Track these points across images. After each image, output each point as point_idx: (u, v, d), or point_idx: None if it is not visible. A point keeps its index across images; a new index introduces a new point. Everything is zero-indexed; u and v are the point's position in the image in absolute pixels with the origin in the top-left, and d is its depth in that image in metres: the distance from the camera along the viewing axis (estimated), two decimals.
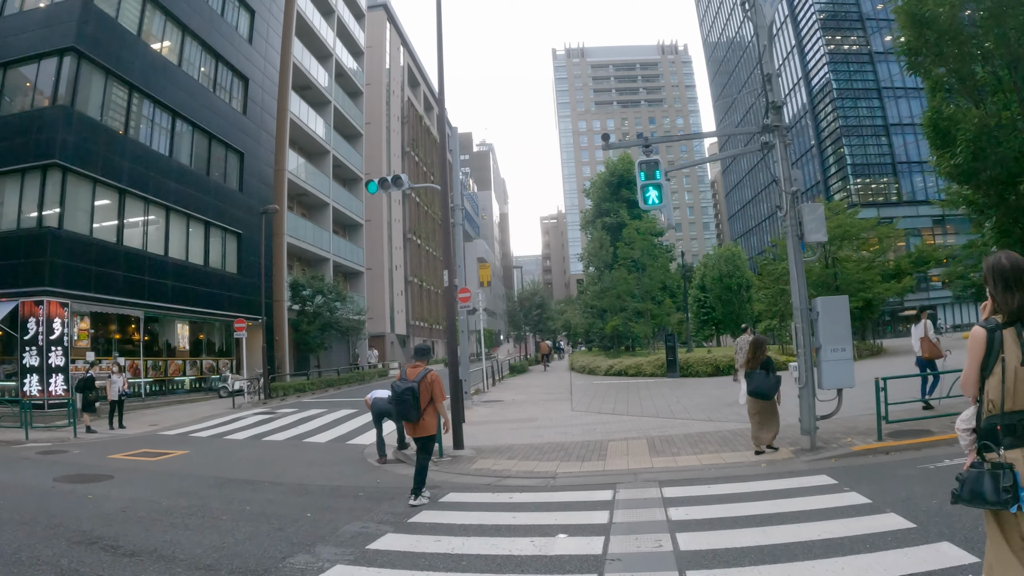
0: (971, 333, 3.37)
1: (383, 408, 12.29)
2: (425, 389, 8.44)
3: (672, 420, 15.03)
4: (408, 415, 8.50)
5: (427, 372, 8.54)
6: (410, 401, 8.37)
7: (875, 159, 69.66)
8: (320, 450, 14.28)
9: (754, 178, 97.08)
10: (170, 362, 28.69)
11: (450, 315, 12.86)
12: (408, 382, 8.47)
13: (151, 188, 27.18)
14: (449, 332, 12.91)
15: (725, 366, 26.40)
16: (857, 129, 70.05)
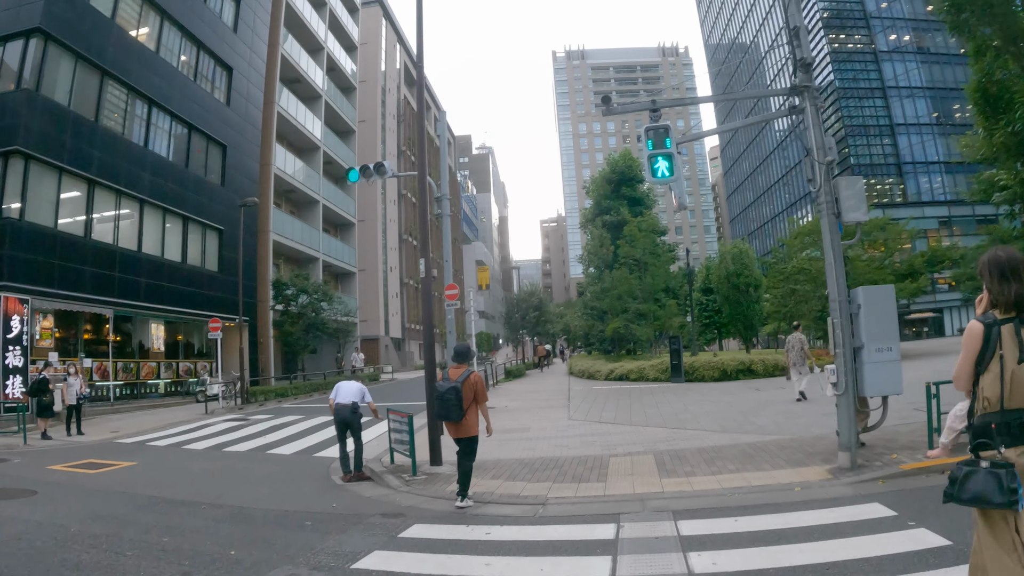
0: (968, 327, 3.35)
1: (345, 417, 10.69)
2: (468, 389, 8.37)
3: (681, 431, 13.35)
4: (450, 415, 8.36)
5: (470, 372, 8.51)
6: (453, 401, 8.25)
7: (880, 159, 68.34)
8: (282, 463, 12.61)
9: (755, 181, 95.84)
10: (143, 364, 26.95)
11: (426, 310, 11.21)
12: (451, 382, 8.36)
13: (123, 179, 25.54)
14: (425, 329, 11.24)
15: (733, 371, 24.90)
16: (862, 129, 68.64)
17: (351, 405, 10.76)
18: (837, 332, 9.29)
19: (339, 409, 10.87)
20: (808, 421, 13.49)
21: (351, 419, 10.74)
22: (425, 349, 11.21)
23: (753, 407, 16.30)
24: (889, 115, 68.50)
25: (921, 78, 68.92)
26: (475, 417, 8.55)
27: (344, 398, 10.91)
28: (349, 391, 11.04)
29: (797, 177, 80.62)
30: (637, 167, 46.07)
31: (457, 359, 8.94)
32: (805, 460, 9.77)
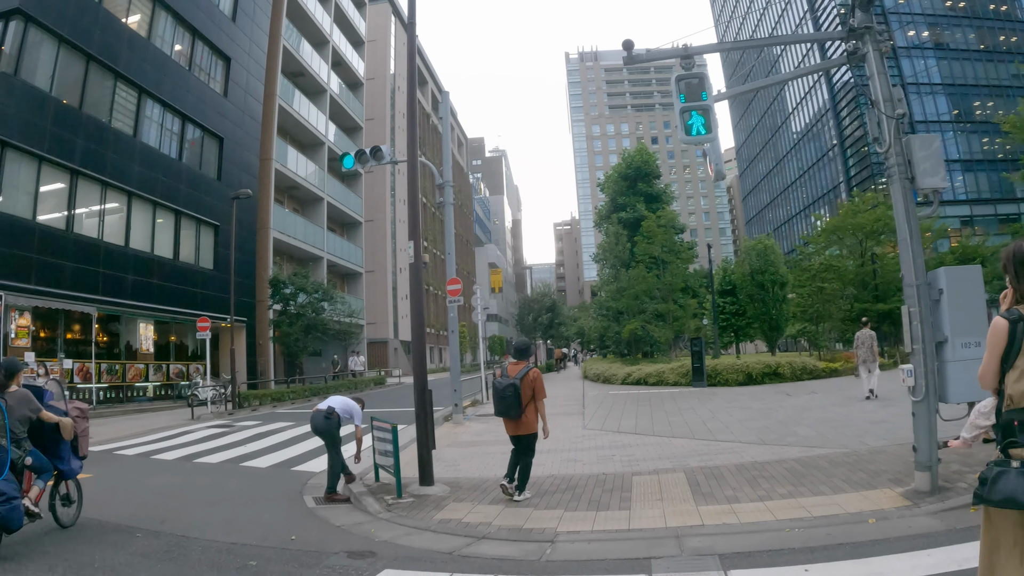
0: (992, 324, 3.23)
1: (316, 425, 9.12)
2: (527, 386, 8.18)
3: (713, 443, 11.64)
4: (509, 412, 8.20)
5: (529, 369, 8.32)
6: (511, 398, 8.11)
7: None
8: (253, 478, 10.97)
9: (771, 182, 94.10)
10: (130, 366, 25.38)
11: (415, 302, 9.55)
12: (510, 379, 8.19)
13: (109, 170, 24.07)
14: (414, 325, 9.57)
15: (758, 374, 23.24)
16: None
17: (325, 411, 9.17)
18: (914, 324, 7.58)
19: (313, 416, 9.31)
20: (857, 430, 11.81)
21: (323, 427, 9.15)
22: (414, 347, 9.53)
23: (789, 414, 14.59)
24: (909, 112, 66.51)
25: (940, 74, 67.09)
26: (534, 414, 8.28)
27: (323, 404, 9.33)
28: (337, 400, 9.49)
29: (813, 178, 78.86)
30: (654, 162, 44.42)
31: (517, 355, 8.72)
32: (870, 481, 8.08)
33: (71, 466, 7.43)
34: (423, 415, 9.19)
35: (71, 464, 7.43)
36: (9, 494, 6.05)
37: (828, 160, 74.68)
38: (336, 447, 9.14)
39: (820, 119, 75.96)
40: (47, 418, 6.96)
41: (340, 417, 9.24)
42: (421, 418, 9.20)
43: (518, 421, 8.25)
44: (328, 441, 9.13)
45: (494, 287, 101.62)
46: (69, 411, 7.46)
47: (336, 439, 9.18)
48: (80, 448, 7.65)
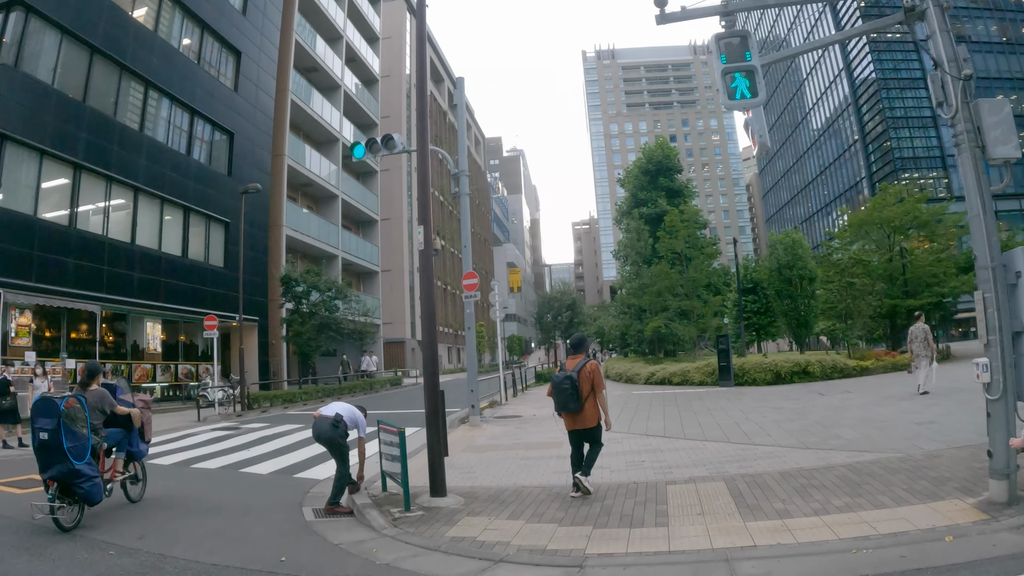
0: None
1: (322, 433, 8.31)
2: (585, 378, 8.07)
3: (750, 447, 10.69)
4: (567, 405, 8.07)
5: (586, 361, 8.21)
6: (569, 390, 8.01)
7: (923, 152, 65.24)
8: (251, 487, 10.13)
9: (790, 179, 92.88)
10: (136, 366, 24.61)
11: (426, 294, 8.64)
12: (567, 372, 8.13)
13: (115, 165, 23.35)
14: (425, 317, 8.67)
15: (787, 373, 22.25)
16: (904, 121, 65.59)
17: (332, 418, 8.32)
18: (989, 312, 6.63)
19: (317, 423, 8.43)
20: (905, 432, 10.85)
21: (329, 436, 8.28)
22: (425, 343, 8.62)
23: (827, 415, 13.59)
24: (932, 105, 64.96)
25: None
26: (594, 408, 8.14)
27: (328, 410, 8.49)
28: (342, 405, 8.65)
29: (834, 174, 77.65)
30: (675, 156, 43.41)
31: (573, 349, 8.64)
32: (935, 490, 7.16)
33: (139, 448, 8.99)
34: (434, 418, 8.30)
35: (139, 447, 8.98)
36: (91, 474, 7.47)
37: (849, 156, 73.63)
38: (344, 458, 8.29)
39: (841, 114, 74.83)
40: (120, 411, 8.51)
41: (347, 425, 8.41)
42: (432, 422, 8.30)
43: (578, 415, 8.08)
44: (335, 452, 8.30)
45: (513, 286, 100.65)
46: (135, 403, 9.02)
47: (344, 450, 8.33)
48: (145, 434, 9.08)
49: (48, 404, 7.44)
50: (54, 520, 7.24)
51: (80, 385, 8.33)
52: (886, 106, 66.30)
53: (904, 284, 32.01)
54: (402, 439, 7.75)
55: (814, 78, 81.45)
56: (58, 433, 7.27)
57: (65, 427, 7.32)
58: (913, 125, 66.18)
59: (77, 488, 7.32)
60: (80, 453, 7.40)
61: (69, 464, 7.26)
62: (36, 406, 7.57)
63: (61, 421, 7.32)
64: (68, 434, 7.33)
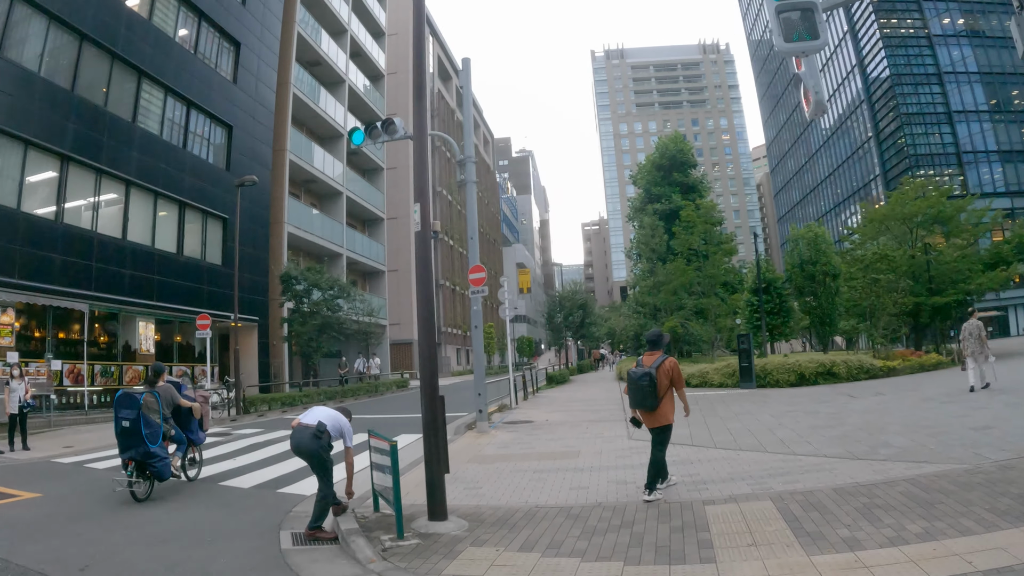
0: None
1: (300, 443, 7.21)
2: (663, 374, 7.80)
3: (791, 457, 9.46)
4: (645, 402, 7.80)
5: (665, 358, 7.92)
6: (647, 387, 7.72)
7: (938, 149, 64.04)
8: (228, 502, 8.96)
9: (802, 179, 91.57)
10: (127, 368, 23.36)
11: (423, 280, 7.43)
12: (645, 368, 7.82)
13: (105, 157, 22.25)
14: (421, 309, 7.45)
15: (811, 374, 21.06)
16: (918, 117, 64.40)
17: (315, 428, 7.17)
18: None
19: (296, 434, 7.31)
20: (962, 439, 9.70)
21: (311, 449, 7.16)
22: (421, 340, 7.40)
23: (867, 419, 12.37)
24: (946, 102, 64.28)
25: (976, 63, 64.59)
26: (670, 405, 7.96)
27: (309, 418, 7.36)
28: (324, 412, 7.51)
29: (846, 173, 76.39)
30: (689, 151, 42.12)
31: (651, 346, 8.22)
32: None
33: (198, 436, 10.68)
34: (433, 428, 7.09)
35: (198, 435, 10.68)
36: (163, 456, 9.04)
37: (862, 154, 72.51)
38: (327, 475, 7.15)
39: (853, 112, 73.62)
40: (183, 404, 10.20)
41: (331, 436, 7.25)
42: (431, 431, 7.09)
43: (653, 413, 7.85)
44: (317, 466, 7.18)
45: (522, 287, 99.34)
46: (196, 398, 10.81)
47: (328, 466, 7.19)
48: (203, 423, 10.91)
49: (129, 397, 9.08)
50: (131, 492, 8.89)
51: (148, 383, 9.77)
52: (900, 102, 65.13)
53: (929, 281, 30.74)
54: (394, 454, 6.52)
55: (825, 75, 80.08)
56: (137, 421, 8.83)
57: (143, 416, 8.90)
58: (928, 122, 65.09)
59: (151, 467, 8.89)
60: (154, 438, 8.96)
61: (145, 447, 8.80)
62: (118, 399, 9.16)
63: (140, 411, 8.88)
64: (145, 422, 8.90)
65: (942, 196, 33.56)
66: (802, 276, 26.96)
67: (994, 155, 63.22)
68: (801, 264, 26.98)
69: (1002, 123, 63.51)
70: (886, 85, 66.48)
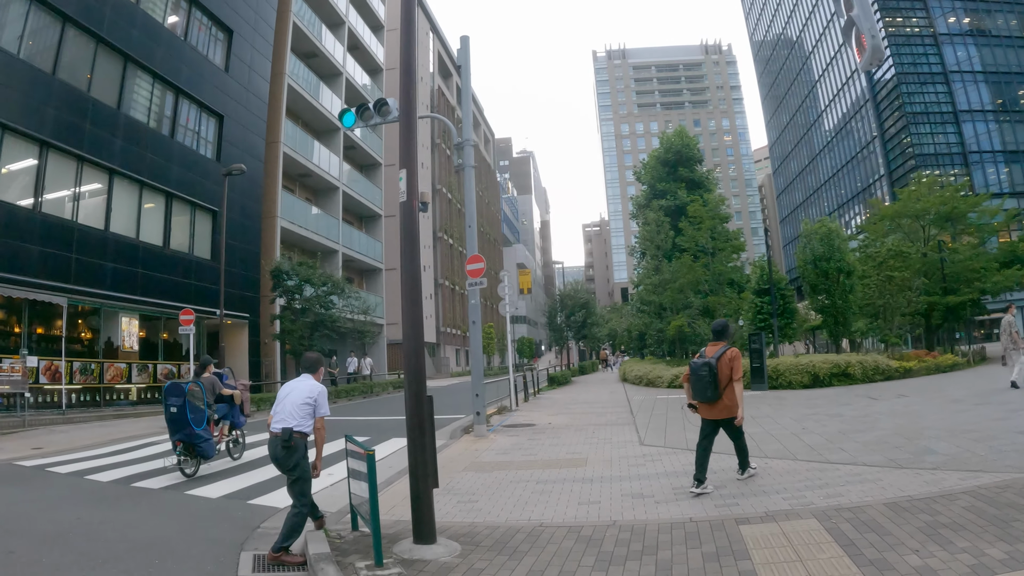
0: None
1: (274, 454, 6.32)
2: (724, 365, 7.56)
3: (828, 466, 8.43)
4: (705, 393, 7.60)
5: (727, 349, 7.69)
6: (707, 378, 7.55)
7: (944, 149, 62.96)
8: (190, 514, 7.87)
9: (804, 180, 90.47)
10: (108, 365, 22.28)
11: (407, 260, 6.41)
12: (706, 359, 7.65)
13: (87, 144, 21.23)
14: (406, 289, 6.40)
15: (826, 375, 20.14)
16: (924, 117, 63.43)
17: (282, 437, 6.16)
18: None
19: (270, 443, 6.36)
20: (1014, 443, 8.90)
21: (281, 460, 6.22)
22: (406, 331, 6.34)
23: (900, 423, 11.38)
24: (952, 101, 63.40)
25: (982, 62, 63.67)
26: (733, 396, 7.63)
27: (278, 421, 6.30)
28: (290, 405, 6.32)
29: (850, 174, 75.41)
30: (695, 146, 41.09)
31: (715, 336, 8.05)
32: None
33: (239, 420, 11.93)
34: (419, 434, 6.00)
35: (239, 419, 11.92)
36: (207, 437, 10.33)
37: (866, 155, 71.55)
38: (302, 488, 6.20)
39: (857, 112, 72.63)
40: (225, 392, 11.35)
41: (305, 435, 6.25)
42: (416, 437, 6.01)
43: (715, 404, 7.67)
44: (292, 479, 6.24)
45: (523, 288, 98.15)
46: (237, 387, 11.93)
47: (305, 472, 6.23)
48: (244, 408, 12.02)
49: (177, 387, 10.41)
50: (180, 470, 10.17)
51: (195, 374, 11.32)
52: (906, 102, 64.14)
53: (942, 279, 29.72)
54: (371, 467, 5.44)
55: (829, 76, 79.23)
56: (184, 408, 10.12)
57: (189, 403, 10.15)
58: (933, 121, 64.02)
59: (196, 447, 10.13)
60: (199, 422, 10.17)
61: (191, 429, 10.04)
62: (167, 389, 10.49)
63: (186, 399, 10.15)
64: (191, 408, 10.14)
65: (957, 191, 32.60)
66: (815, 273, 25.85)
67: (1000, 155, 62.29)
68: (814, 261, 25.87)
69: (1008, 123, 62.58)
70: (891, 84, 65.54)
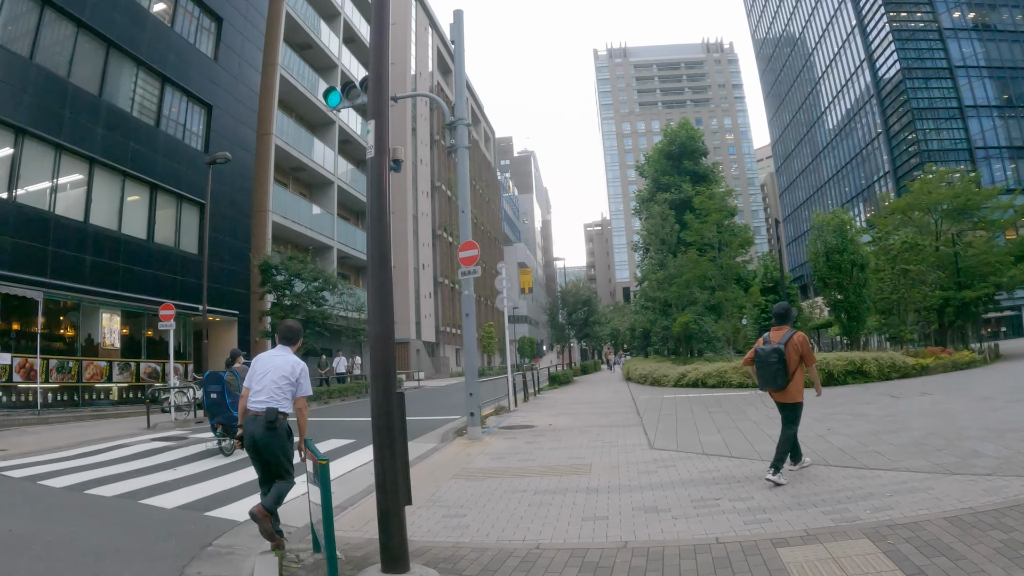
0: None
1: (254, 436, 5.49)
2: (793, 350, 7.28)
3: (867, 473, 7.40)
4: (775, 380, 7.29)
5: (794, 333, 7.41)
6: (776, 364, 7.23)
7: (949, 145, 62.04)
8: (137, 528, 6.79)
9: (807, 178, 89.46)
10: (87, 363, 21.24)
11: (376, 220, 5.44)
12: (773, 344, 7.34)
13: (67, 132, 20.31)
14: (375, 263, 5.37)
15: (840, 373, 19.10)
16: (930, 112, 62.52)
17: (266, 415, 5.38)
18: None
19: (247, 424, 5.57)
20: None
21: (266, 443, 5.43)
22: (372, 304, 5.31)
23: (934, 423, 10.37)
24: (958, 97, 62.70)
25: (987, 57, 62.82)
26: (800, 382, 7.35)
27: (259, 398, 5.50)
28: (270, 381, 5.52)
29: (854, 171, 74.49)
30: (700, 138, 40.00)
31: (778, 320, 7.66)
32: None
33: None
34: (387, 438, 4.95)
35: None
36: None
37: (870, 151, 70.69)
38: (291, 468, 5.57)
39: (862, 108, 71.70)
40: None
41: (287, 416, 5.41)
42: (384, 444, 4.95)
43: (784, 391, 7.39)
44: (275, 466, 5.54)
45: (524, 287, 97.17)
46: None
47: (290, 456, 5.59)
48: None
49: (215, 376, 11.84)
50: (220, 449, 11.60)
51: (227, 364, 12.18)
52: (911, 97, 63.30)
53: (956, 274, 28.69)
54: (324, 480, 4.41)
55: (832, 73, 78.32)
56: (223, 394, 11.49)
57: (227, 390, 11.43)
58: (940, 117, 63.23)
59: (234, 427, 10.65)
60: (236, 407, 10.19)
61: (229, 413, 11.13)
62: (207, 377, 11.99)
63: (224, 386, 11.48)
64: (228, 394, 11.39)
65: (971, 183, 31.58)
66: (827, 266, 24.74)
67: (1006, 151, 61.49)
68: (827, 253, 24.76)
69: (1014, 119, 61.83)
70: (896, 79, 64.62)
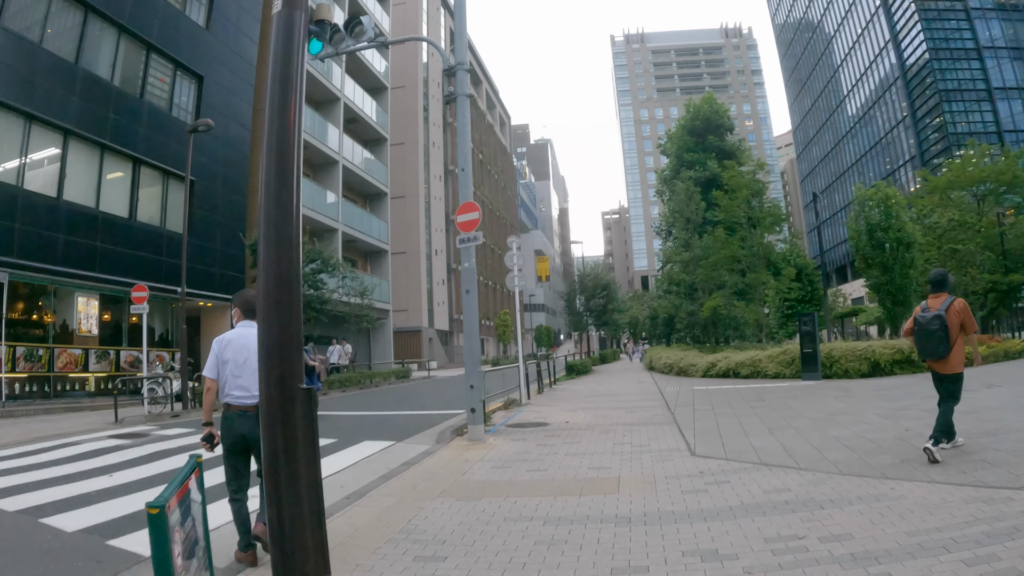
0: None
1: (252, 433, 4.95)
2: (955, 315, 6.83)
3: (995, 492, 5.40)
4: (937, 350, 6.84)
5: (953, 299, 6.95)
6: (937, 332, 6.77)
7: (979, 127, 59.62)
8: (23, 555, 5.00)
9: (828, 165, 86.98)
10: (60, 351, 19.52)
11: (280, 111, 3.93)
12: (933, 311, 6.88)
13: (38, 100, 18.52)
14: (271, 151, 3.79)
15: (887, 362, 17.22)
16: (958, 95, 60.17)
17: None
18: None
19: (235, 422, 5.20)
20: None
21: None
22: (267, 236, 3.49)
23: None
24: (986, 79, 60.33)
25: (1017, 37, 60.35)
26: (961, 352, 6.86)
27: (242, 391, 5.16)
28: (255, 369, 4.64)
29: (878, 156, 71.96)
30: (725, 113, 37.91)
31: (934, 287, 7.14)
32: None
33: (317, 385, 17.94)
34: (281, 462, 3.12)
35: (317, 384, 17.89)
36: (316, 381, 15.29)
37: (896, 135, 68.14)
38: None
39: (886, 91, 69.16)
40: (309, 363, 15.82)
41: None
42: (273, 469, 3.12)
43: (945, 360, 6.80)
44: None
45: (541, 275, 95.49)
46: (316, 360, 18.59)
47: None
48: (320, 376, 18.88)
49: None
50: None
51: None
52: (938, 79, 60.83)
53: (1004, 256, 26.49)
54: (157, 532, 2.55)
55: (855, 56, 75.77)
56: None
57: None
58: (968, 99, 60.76)
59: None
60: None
61: None
62: None
63: None
64: None
65: (1017, 158, 29.43)
66: (870, 245, 22.57)
67: None
68: (869, 230, 22.60)
69: None
70: (923, 61, 62.24)
